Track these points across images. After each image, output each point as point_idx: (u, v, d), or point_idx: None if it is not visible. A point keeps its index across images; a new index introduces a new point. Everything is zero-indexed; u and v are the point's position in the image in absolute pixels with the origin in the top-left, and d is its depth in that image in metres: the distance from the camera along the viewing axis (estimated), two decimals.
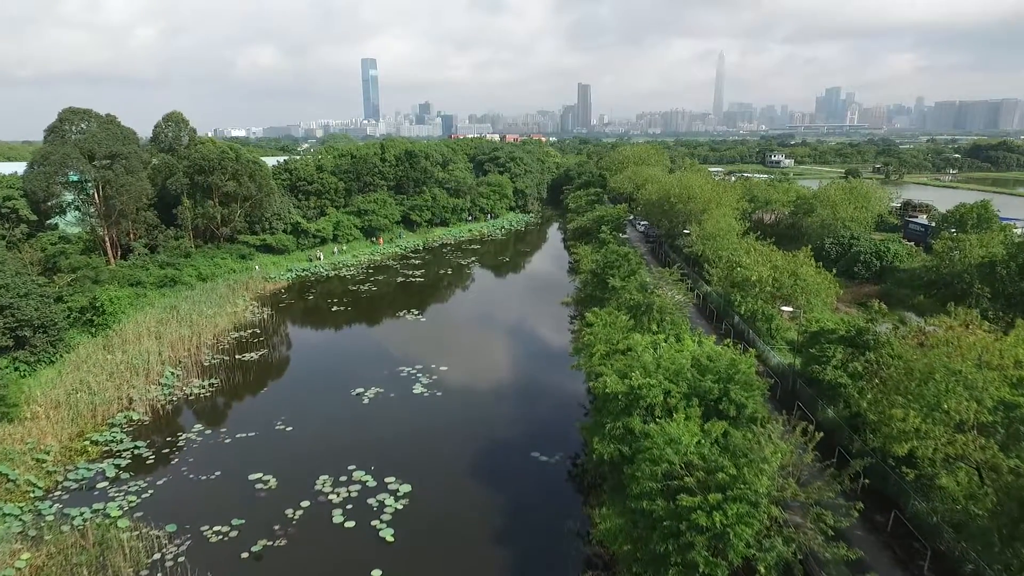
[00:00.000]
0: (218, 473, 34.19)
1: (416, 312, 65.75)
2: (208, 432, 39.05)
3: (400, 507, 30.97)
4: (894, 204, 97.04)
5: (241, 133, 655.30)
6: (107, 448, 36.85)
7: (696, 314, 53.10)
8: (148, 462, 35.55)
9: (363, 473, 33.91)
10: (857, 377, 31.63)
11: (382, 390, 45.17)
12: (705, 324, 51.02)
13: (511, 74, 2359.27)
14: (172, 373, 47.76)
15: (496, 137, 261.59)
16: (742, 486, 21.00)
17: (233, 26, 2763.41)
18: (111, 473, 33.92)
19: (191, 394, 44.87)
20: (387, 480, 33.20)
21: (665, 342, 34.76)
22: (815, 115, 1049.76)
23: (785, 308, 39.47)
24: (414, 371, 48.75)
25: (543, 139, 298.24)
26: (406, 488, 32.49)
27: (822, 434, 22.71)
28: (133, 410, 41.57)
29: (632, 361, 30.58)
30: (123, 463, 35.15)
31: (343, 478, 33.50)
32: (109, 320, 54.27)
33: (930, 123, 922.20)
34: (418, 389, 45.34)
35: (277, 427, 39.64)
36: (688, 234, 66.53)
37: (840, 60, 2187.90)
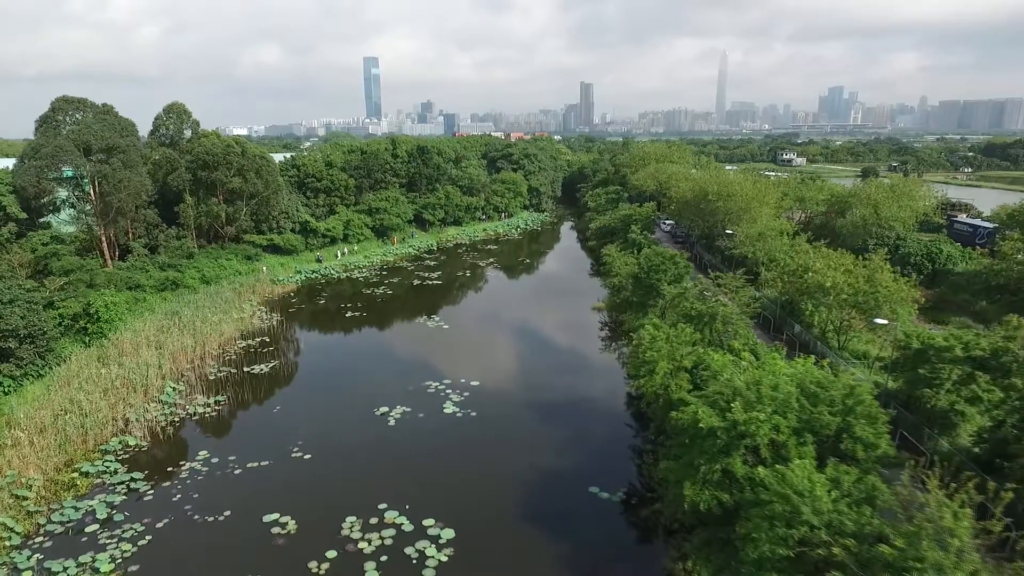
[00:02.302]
0: (227, 513, 29.29)
1: (437, 318, 60.84)
2: (215, 460, 34.14)
3: (444, 559, 26.07)
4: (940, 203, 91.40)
5: (243, 131, 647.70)
6: (99, 481, 31.97)
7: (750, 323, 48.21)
8: (146, 498, 30.66)
9: (396, 514, 29.01)
10: (986, 405, 26.75)
11: (409, 409, 40.27)
12: (761, 334, 46.09)
13: (514, 73, 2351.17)
14: (173, 389, 42.87)
15: (499, 135, 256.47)
16: (918, 564, 16.09)
17: (237, 25, 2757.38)
18: (102, 513, 29.02)
19: (195, 413, 39.95)
20: (425, 523, 28.30)
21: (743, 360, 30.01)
22: (818, 114, 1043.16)
23: (879, 320, 34.59)
24: (442, 386, 43.86)
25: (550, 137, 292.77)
26: (448, 534, 27.58)
27: (1011, 494, 17.67)
28: (129, 434, 36.68)
29: (721, 386, 25.67)
30: (117, 500, 30.26)
31: (373, 520, 28.61)
32: (104, 328, 49.40)
33: (933, 122, 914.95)
34: (449, 408, 40.43)
35: (294, 454, 34.74)
36: (731, 234, 61.54)
37: (843, 59, 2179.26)
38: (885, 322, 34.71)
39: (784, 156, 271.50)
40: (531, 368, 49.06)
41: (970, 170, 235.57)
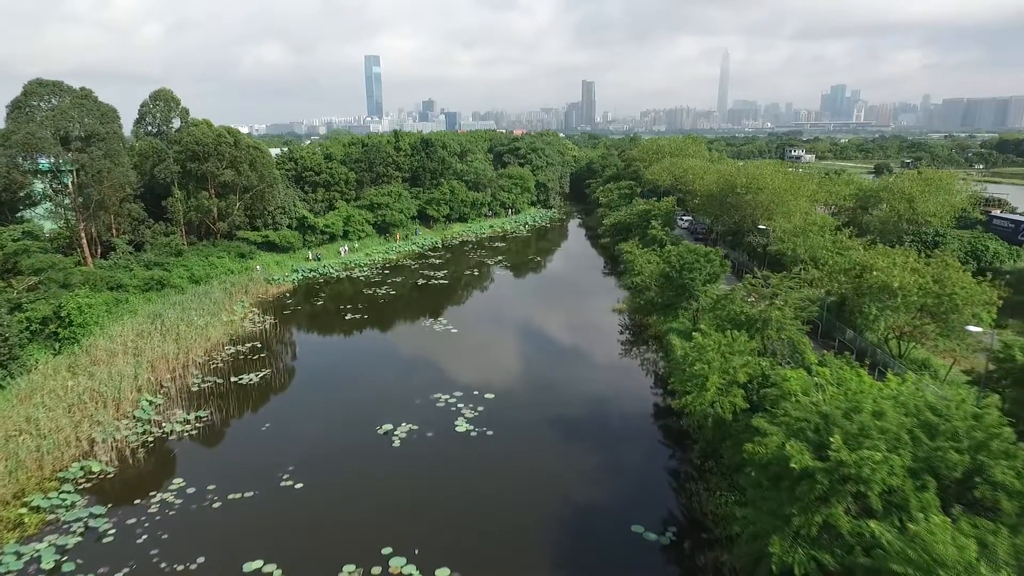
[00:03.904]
0: (201, 560, 24.36)
1: (444, 321, 55.93)
2: (191, 491, 29.23)
3: None
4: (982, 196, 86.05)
5: (244, 130, 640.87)
6: (52, 517, 27.06)
7: None
8: (106, 540, 25.74)
9: (403, 561, 24.11)
10: None
11: (416, 427, 35.37)
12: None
13: (516, 71, 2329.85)
14: (150, 403, 38.00)
15: (502, 133, 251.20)
16: None
17: (239, 23, 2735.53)
18: (49, 561, 24.11)
19: (172, 432, 35.08)
20: (439, 574, 23.41)
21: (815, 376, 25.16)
22: (820, 112, 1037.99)
23: (972, 328, 29.68)
24: (453, 399, 38.96)
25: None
26: None
27: None
28: (94, 457, 31.80)
29: (804, 412, 20.79)
30: (70, 542, 25.36)
31: (376, 569, 23.71)
32: (77, 333, 44.58)
33: (937, 121, 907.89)
34: (462, 426, 35.52)
35: (283, 483, 29.84)
36: (763, 230, 56.57)
37: (846, 58, 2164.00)
38: (979, 329, 29.74)
39: (793, 153, 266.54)
40: (549, 378, 44.08)
41: (982, 167, 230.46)
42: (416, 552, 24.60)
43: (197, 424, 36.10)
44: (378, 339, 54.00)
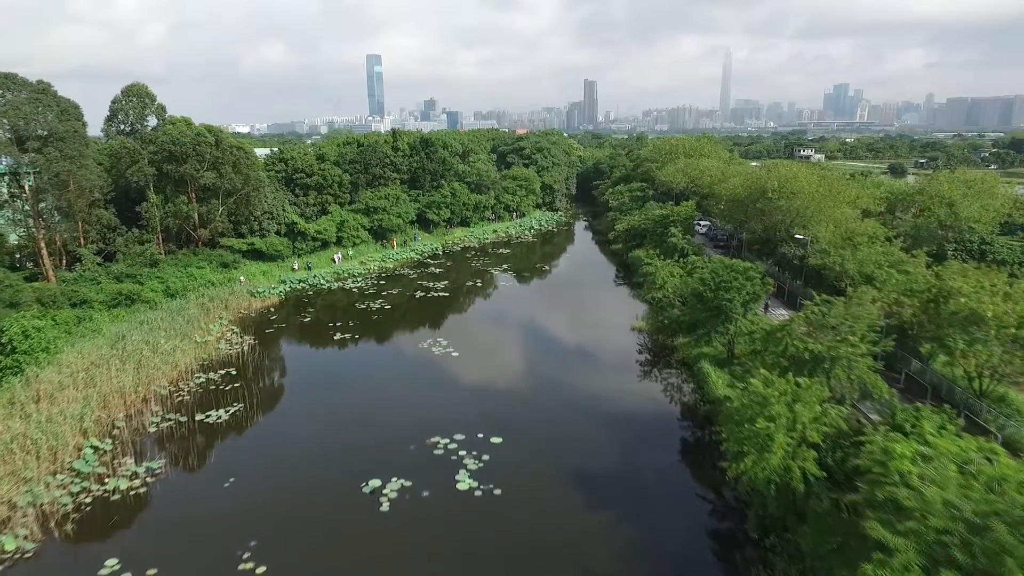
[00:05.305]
0: None
1: (444, 342, 50.00)
2: None
3: None
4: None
5: (245, 129, 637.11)
6: None
7: None
8: None
9: None
10: None
11: (409, 483, 29.45)
12: None
13: (518, 71, 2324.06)
14: (95, 450, 32.17)
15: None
16: None
17: (241, 23, 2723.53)
18: None
19: (115, 490, 29.18)
20: None
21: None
22: (823, 112, 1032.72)
23: None
24: (454, 444, 33.06)
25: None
26: None
27: None
28: (11, 530, 25.93)
29: (940, 516, 14.90)
30: None
31: None
32: (22, 362, 38.77)
33: (941, 120, 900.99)
34: (464, 482, 29.62)
35: (241, 565, 23.92)
36: (801, 240, 50.53)
37: (849, 57, 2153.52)
38: None
39: (802, 152, 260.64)
40: (564, 415, 37.92)
41: (996, 166, 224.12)
42: None
43: (148, 479, 30.23)
44: (369, 364, 48.03)
